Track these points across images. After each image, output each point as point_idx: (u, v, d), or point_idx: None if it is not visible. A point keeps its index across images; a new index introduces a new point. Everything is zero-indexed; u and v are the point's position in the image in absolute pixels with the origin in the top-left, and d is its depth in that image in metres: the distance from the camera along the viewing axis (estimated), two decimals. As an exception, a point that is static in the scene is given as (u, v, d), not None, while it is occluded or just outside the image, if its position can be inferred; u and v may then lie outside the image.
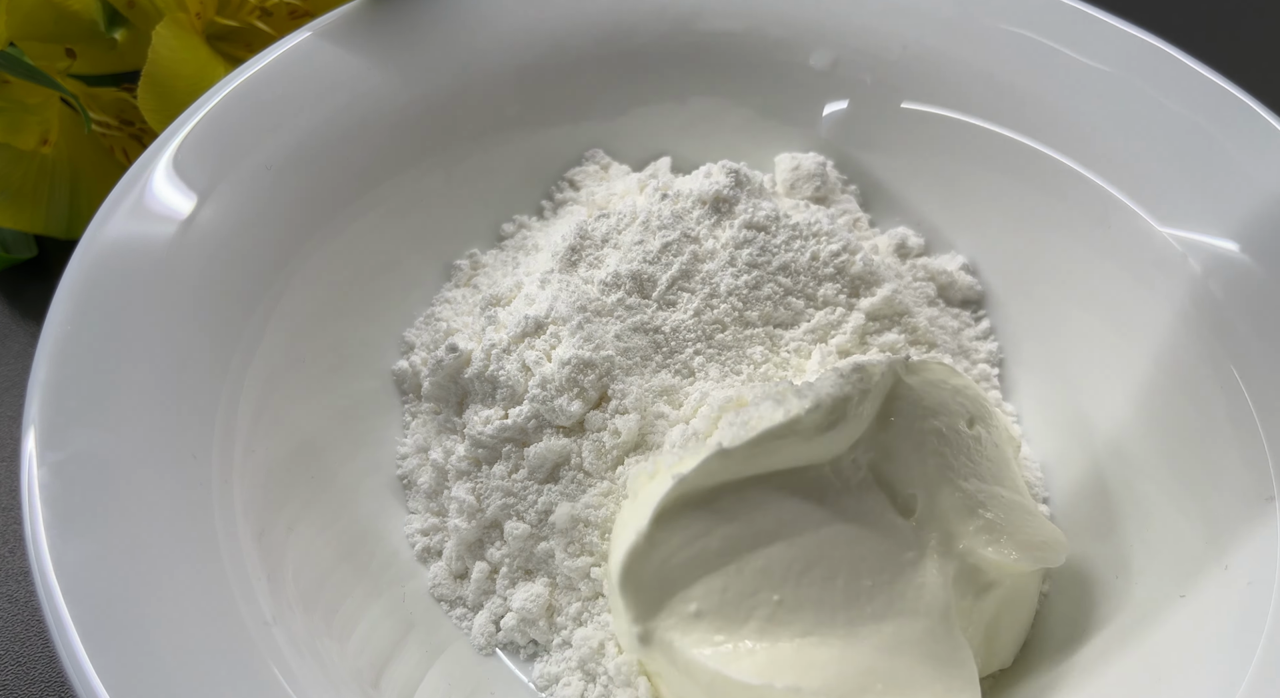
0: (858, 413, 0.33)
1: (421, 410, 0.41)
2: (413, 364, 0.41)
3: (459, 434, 0.40)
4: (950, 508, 0.34)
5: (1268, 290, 0.37)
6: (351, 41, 0.42)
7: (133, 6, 0.45)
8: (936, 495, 0.34)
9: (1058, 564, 0.36)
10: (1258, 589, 0.32)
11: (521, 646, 0.37)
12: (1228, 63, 0.41)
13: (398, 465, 0.40)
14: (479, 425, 0.38)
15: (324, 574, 0.35)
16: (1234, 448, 0.35)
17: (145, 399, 0.33)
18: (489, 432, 0.38)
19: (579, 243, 0.41)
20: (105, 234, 0.35)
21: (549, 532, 0.37)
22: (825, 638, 0.32)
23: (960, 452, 0.35)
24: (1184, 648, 0.33)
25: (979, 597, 0.35)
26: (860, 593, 0.33)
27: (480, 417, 0.39)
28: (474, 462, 0.39)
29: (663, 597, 0.33)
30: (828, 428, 0.33)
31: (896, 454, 0.34)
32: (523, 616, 0.37)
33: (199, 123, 0.38)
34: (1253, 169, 0.38)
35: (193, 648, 0.29)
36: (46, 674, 0.40)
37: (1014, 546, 0.34)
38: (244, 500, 0.34)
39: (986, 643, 0.36)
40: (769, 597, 0.32)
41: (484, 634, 0.37)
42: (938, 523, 0.34)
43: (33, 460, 0.30)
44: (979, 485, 0.35)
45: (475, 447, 0.38)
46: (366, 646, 0.35)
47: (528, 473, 0.38)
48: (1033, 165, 0.43)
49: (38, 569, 0.28)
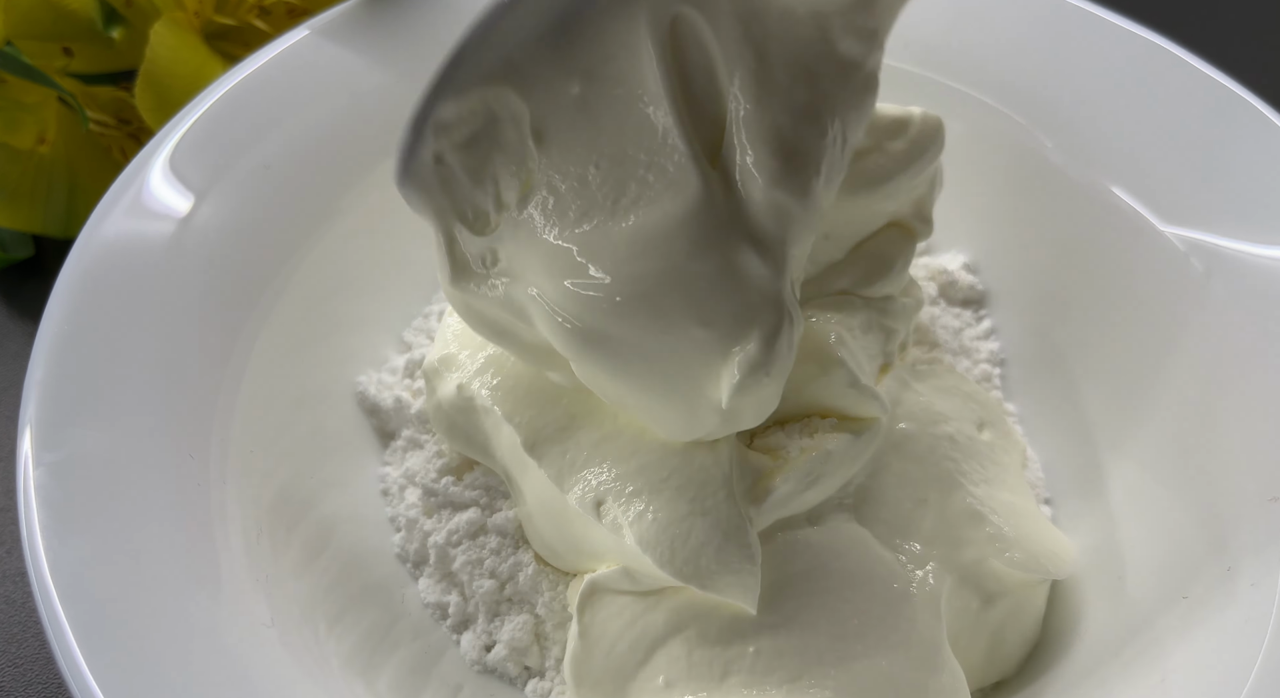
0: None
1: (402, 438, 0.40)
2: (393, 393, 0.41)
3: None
4: (961, 514, 0.34)
5: (1269, 290, 0.36)
6: (349, 39, 0.42)
7: (130, 5, 0.45)
8: (947, 501, 0.34)
9: (1064, 576, 0.36)
10: (1261, 591, 0.32)
11: (514, 677, 0.36)
12: (1229, 62, 0.41)
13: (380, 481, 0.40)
14: (432, 474, 0.38)
15: (323, 577, 0.35)
16: (1237, 449, 0.35)
17: (142, 399, 0.32)
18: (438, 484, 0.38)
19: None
20: (102, 233, 0.35)
21: (520, 590, 0.37)
22: (819, 680, 0.31)
23: (971, 457, 0.35)
24: (1186, 650, 0.33)
25: (985, 606, 0.34)
26: (848, 633, 0.32)
27: (435, 465, 0.39)
28: (434, 509, 0.38)
29: (624, 682, 0.32)
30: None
31: (883, 489, 0.34)
32: (513, 646, 0.36)
33: (196, 121, 0.38)
34: (1256, 168, 0.38)
35: (190, 650, 0.29)
36: (44, 676, 0.39)
37: (1023, 555, 0.34)
38: (242, 501, 0.33)
39: (991, 653, 0.35)
40: (744, 649, 0.32)
41: (473, 651, 0.36)
42: (946, 530, 0.34)
43: (29, 461, 0.30)
44: (989, 492, 0.35)
45: (428, 495, 0.38)
46: (365, 650, 0.35)
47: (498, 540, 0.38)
48: (1033, 165, 0.43)
49: (34, 570, 0.28)
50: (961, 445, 0.35)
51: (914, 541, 0.34)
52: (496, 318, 0.32)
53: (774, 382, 0.30)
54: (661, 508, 0.32)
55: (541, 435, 0.35)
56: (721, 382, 0.29)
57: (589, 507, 0.33)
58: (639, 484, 0.33)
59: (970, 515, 0.34)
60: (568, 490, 0.34)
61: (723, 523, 0.31)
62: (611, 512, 0.32)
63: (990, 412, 0.38)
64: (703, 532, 0.31)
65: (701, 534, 0.31)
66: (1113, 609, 0.36)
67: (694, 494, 0.32)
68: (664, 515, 0.32)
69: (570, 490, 0.33)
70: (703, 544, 0.31)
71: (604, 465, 0.33)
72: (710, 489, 0.32)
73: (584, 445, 0.34)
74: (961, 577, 0.34)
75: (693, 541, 0.31)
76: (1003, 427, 0.38)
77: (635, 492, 0.32)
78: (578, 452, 0.34)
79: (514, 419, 0.35)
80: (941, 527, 0.34)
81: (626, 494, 0.33)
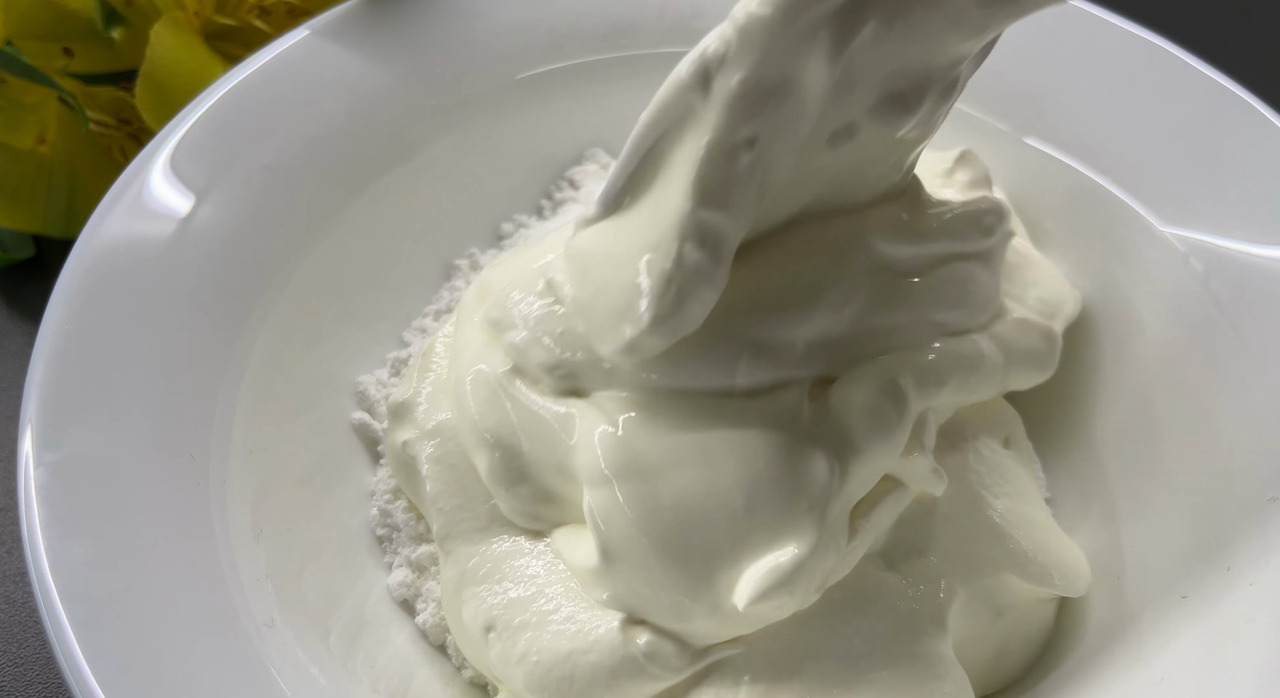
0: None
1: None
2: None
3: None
4: (981, 529, 0.34)
5: (1270, 290, 0.36)
6: (350, 40, 0.42)
7: (130, 5, 0.45)
8: (968, 515, 0.34)
9: (1079, 594, 0.36)
10: (1260, 591, 0.32)
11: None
12: (1229, 62, 0.41)
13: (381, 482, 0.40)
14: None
15: (324, 577, 0.35)
16: (1236, 448, 0.35)
17: (143, 399, 0.32)
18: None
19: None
20: (102, 233, 0.35)
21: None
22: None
23: (994, 470, 0.35)
24: (1186, 650, 0.33)
25: (995, 618, 0.34)
26: (852, 654, 0.31)
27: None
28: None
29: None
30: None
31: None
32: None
33: (196, 121, 0.38)
34: (1256, 169, 0.38)
35: (191, 651, 0.29)
36: (44, 676, 0.39)
37: (1040, 571, 0.34)
38: (243, 501, 0.33)
39: (996, 663, 0.35)
40: (738, 680, 0.30)
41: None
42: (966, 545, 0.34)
43: (30, 461, 0.30)
44: (1009, 506, 0.35)
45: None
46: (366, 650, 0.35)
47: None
48: (1034, 164, 0.43)
49: (35, 571, 0.28)
50: (986, 459, 0.35)
51: (931, 553, 0.33)
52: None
53: (794, 605, 0.29)
54: (545, 647, 0.30)
55: (457, 530, 0.33)
56: (741, 581, 0.28)
57: (478, 629, 0.32)
58: (526, 616, 0.31)
59: (990, 529, 0.34)
60: (463, 604, 0.32)
61: (607, 658, 0.30)
62: (497, 644, 0.31)
63: (1014, 426, 0.38)
64: (587, 672, 0.30)
65: (587, 674, 0.30)
66: (1112, 609, 0.36)
67: (577, 630, 0.30)
68: (547, 657, 0.30)
69: (465, 605, 0.32)
70: (589, 685, 0.30)
71: (503, 586, 0.32)
72: (593, 623, 0.30)
73: (491, 556, 0.33)
74: (976, 590, 0.34)
75: (578, 683, 0.30)
76: (1023, 441, 0.38)
77: (522, 624, 0.31)
78: (482, 561, 0.33)
79: (437, 503, 0.34)
80: (961, 539, 0.34)
81: (514, 627, 0.31)
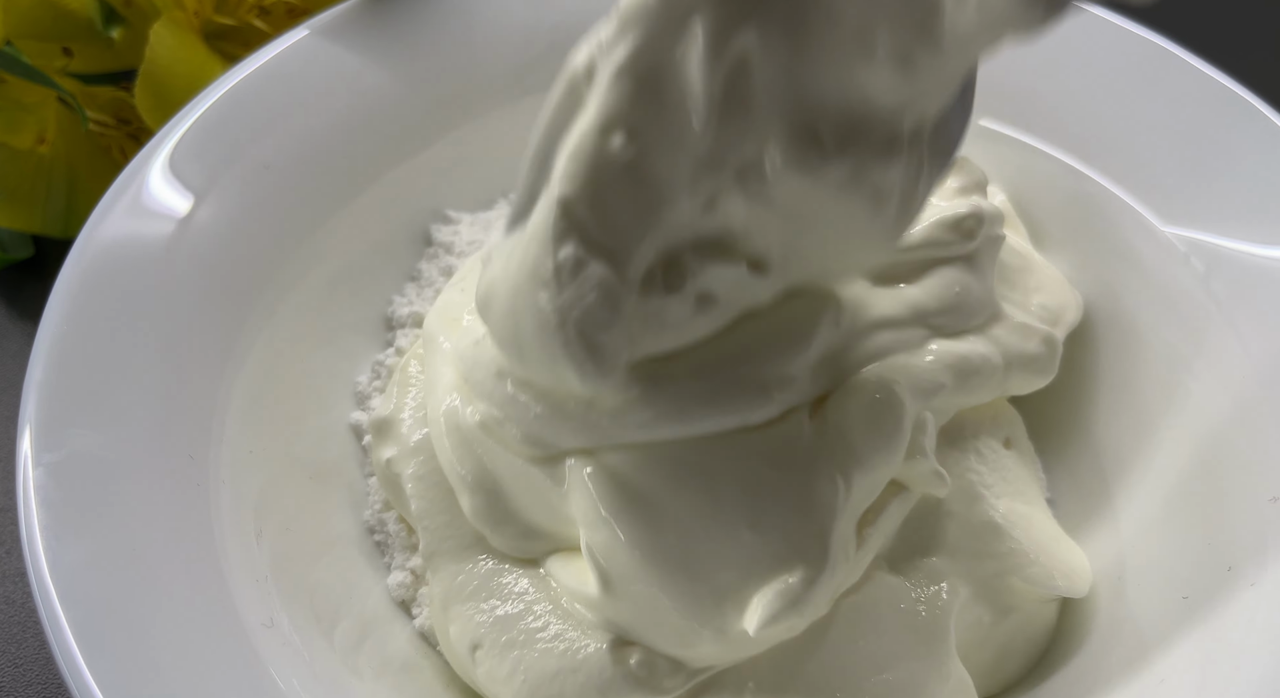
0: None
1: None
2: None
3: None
4: (983, 528, 0.34)
5: (1270, 290, 0.36)
6: (350, 39, 0.42)
7: (130, 5, 0.45)
8: (970, 514, 0.34)
9: (1080, 595, 0.36)
10: (1260, 591, 0.32)
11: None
12: (1229, 62, 0.41)
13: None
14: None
15: (324, 577, 0.35)
16: (1237, 448, 0.35)
17: (142, 399, 0.32)
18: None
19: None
20: (102, 233, 0.35)
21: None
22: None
23: (996, 470, 0.35)
24: (1186, 650, 0.33)
25: (998, 619, 0.34)
26: (859, 659, 0.31)
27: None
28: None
29: None
30: None
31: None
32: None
33: (196, 121, 0.38)
34: (1256, 168, 0.38)
35: (190, 651, 0.29)
36: (43, 677, 0.39)
37: (1041, 572, 0.34)
38: (242, 501, 0.33)
39: (998, 664, 0.35)
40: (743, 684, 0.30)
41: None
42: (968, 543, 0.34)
43: (28, 461, 0.30)
44: (1011, 506, 0.35)
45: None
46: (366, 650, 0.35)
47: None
48: (1034, 165, 0.43)
49: (33, 571, 0.28)
50: (988, 459, 0.35)
51: (934, 554, 0.34)
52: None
53: (805, 625, 0.29)
54: (532, 666, 0.30)
55: (443, 547, 0.33)
56: (751, 605, 0.28)
57: (465, 647, 0.32)
58: (514, 634, 0.31)
59: (992, 530, 0.34)
60: (450, 622, 0.32)
61: (595, 678, 0.30)
62: (484, 662, 0.31)
63: (1016, 426, 0.38)
64: (575, 692, 0.30)
65: (575, 694, 0.30)
66: (1113, 610, 0.36)
67: (565, 648, 0.30)
68: (534, 677, 0.30)
69: (452, 623, 0.32)
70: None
71: (490, 603, 0.32)
72: (582, 641, 0.30)
73: (478, 573, 0.33)
74: (977, 590, 0.34)
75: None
76: (1024, 442, 0.38)
77: (510, 643, 0.31)
78: (469, 578, 0.33)
79: (423, 521, 0.34)
80: (964, 539, 0.34)
81: (501, 645, 0.31)
